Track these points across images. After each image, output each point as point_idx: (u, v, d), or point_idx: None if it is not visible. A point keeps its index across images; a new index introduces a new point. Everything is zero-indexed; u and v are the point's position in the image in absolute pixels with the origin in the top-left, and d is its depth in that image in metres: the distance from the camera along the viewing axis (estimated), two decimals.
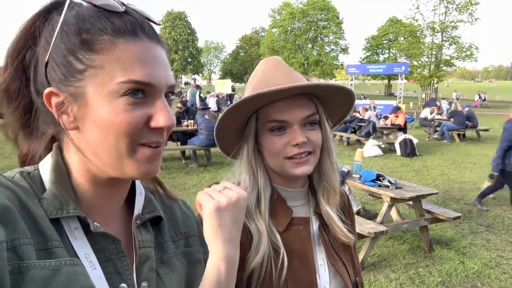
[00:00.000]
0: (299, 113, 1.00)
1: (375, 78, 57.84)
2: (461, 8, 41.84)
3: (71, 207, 0.66)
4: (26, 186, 0.66)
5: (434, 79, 40.43)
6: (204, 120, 8.59)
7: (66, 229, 0.66)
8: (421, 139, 13.39)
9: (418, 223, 4.58)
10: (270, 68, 1.06)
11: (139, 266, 0.73)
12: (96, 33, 0.64)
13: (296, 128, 0.99)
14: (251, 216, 1.03)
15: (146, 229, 0.78)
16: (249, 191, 1.04)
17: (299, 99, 1.00)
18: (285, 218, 1.06)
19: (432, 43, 43.38)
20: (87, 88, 0.64)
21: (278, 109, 1.00)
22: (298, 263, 1.03)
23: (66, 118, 0.67)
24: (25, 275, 0.56)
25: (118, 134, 0.64)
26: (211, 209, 0.80)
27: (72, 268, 0.61)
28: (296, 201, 1.10)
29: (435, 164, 9.80)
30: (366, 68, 27.95)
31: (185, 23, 63.17)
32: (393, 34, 49.93)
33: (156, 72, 0.66)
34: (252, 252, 0.99)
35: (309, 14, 51.56)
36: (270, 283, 0.99)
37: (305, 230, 1.08)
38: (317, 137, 1.02)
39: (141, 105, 0.65)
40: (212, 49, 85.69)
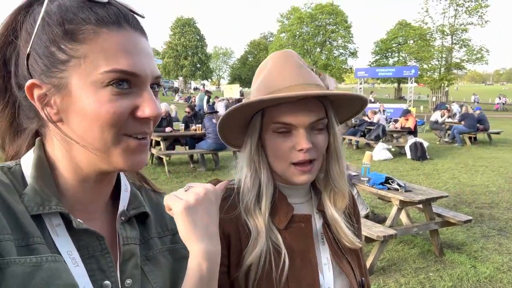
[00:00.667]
0: (306, 118, 0.95)
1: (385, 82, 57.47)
2: (470, 11, 41.42)
3: (53, 203, 0.65)
4: (6, 181, 0.65)
5: (445, 82, 40.01)
6: (212, 124, 8.61)
7: (48, 225, 0.65)
8: (432, 143, 13.24)
9: (428, 227, 4.51)
10: (278, 65, 1.00)
11: (123, 263, 0.71)
12: (79, 23, 0.63)
13: (301, 132, 0.95)
14: (250, 213, 1.00)
15: (131, 225, 0.77)
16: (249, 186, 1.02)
17: (308, 103, 0.96)
18: (286, 215, 1.03)
19: (442, 46, 42.98)
20: (70, 78, 0.63)
21: (285, 111, 0.95)
22: (300, 262, 1.00)
23: (50, 110, 0.65)
24: (5, 272, 0.55)
25: (103, 125, 0.63)
26: (181, 209, 0.76)
27: (54, 264, 0.60)
28: (297, 198, 1.08)
29: (446, 167, 9.67)
30: (375, 71, 27.85)
31: (194, 30, 63.66)
32: (402, 38, 49.69)
33: (141, 62, 0.65)
34: (249, 248, 0.97)
35: (317, 18, 51.61)
36: (269, 281, 0.96)
37: (306, 228, 1.04)
38: (323, 142, 0.99)
39: (126, 95, 0.65)
40: (220, 55, 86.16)
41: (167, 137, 8.88)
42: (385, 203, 6.13)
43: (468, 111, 14.08)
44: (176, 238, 0.85)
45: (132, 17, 0.68)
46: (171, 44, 61.79)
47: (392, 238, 4.06)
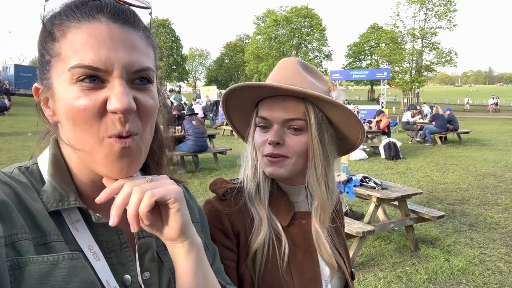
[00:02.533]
0: (280, 114, 1.00)
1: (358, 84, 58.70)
2: (440, 15, 42.99)
3: (71, 199, 0.65)
4: (24, 180, 0.65)
5: (416, 84, 41.28)
6: (191, 126, 8.59)
7: (67, 221, 0.65)
8: (404, 143, 13.65)
9: (404, 223, 4.69)
10: (279, 66, 1.08)
11: (140, 256, 0.72)
12: (57, 21, 0.62)
13: (275, 127, 1.01)
14: (252, 203, 1.05)
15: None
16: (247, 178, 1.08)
17: (286, 101, 1.00)
18: (288, 213, 1.07)
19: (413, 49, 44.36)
20: (52, 78, 0.64)
21: (266, 107, 1.03)
22: (302, 256, 1.05)
23: (48, 112, 0.67)
24: (24, 270, 0.55)
25: (78, 124, 0.61)
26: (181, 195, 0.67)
27: (71, 262, 0.60)
28: (297, 196, 1.12)
29: (418, 166, 10.01)
30: (349, 74, 28.36)
31: (169, 31, 63.03)
32: (374, 41, 50.85)
33: (111, 55, 0.60)
34: (254, 234, 1.01)
35: (293, 21, 52.12)
36: (274, 267, 1.00)
37: (307, 224, 1.09)
38: (298, 143, 1.00)
39: (95, 90, 0.61)
40: (196, 56, 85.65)
41: None
42: (362, 201, 6.32)
43: (438, 112, 14.60)
44: None
45: (114, 8, 0.63)
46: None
47: (370, 234, 4.20)
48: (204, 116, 17.68)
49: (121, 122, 0.61)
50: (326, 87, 1.06)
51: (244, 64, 61.06)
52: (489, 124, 23.96)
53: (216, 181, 1.12)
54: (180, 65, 64.53)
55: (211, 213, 1.02)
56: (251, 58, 53.09)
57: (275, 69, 1.08)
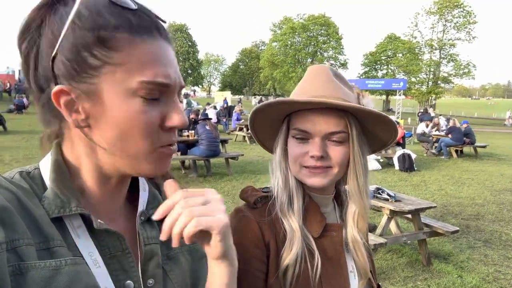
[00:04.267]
0: (322, 127, 0.98)
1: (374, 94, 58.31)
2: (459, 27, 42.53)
3: (73, 205, 0.64)
4: (25, 186, 0.65)
5: (432, 95, 40.80)
6: (205, 131, 8.64)
7: (69, 227, 0.65)
8: (419, 154, 13.46)
9: (417, 236, 4.61)
10: (311, 76, 1.06)
11: (145, 263, 0.71)
12: (113, 30, 0.62)
13: (316, 140, 0.99)
14: (284, 215, 1.02)
15: (151, 225, 0.77)
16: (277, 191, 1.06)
17: (327, 113, 0.99)
18: (320, 224, 1.05)
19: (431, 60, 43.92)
20: (101, 84, 0.62)
21: (305, 119, 1.00)
22: (332, 269, 1.03)
23: (76, 116, 0.64)
24: (26, 276, 0.55)
25: (136, 136, 0.64)
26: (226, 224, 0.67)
27: (74, 267, 0.60)
28: (326, 207, 1.10)
29: (433, 179, 9.85)
30: (364, 83, 28.18)
31: (186, 36, 63.82)
32: (391, 51, 50.51)
33: (172, 73, 0.66)
34: (286, 249, 0.98)
35: (309, 29, 52.19)
36: (306, 281, 0.98)
37: (338, 237, 1.07)
38: (339, 155, 1.00)
39: (156, 105, 0.65)
40: (212, 62, 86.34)
41: None
42: (375, 212, 6.23)
43: (455, 124, 14.38)
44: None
45: (161, 25, 0.68)
46: None
47: (382, 246, 4.14)
48: (218, 121, 17.77)
49: (175, 134, 0.70)
50: (355, 93, 1.07)
51: (259, 70, 61.32)
52: (506, 138, 23.51)
53: (246, 189, 1.10)
54: (195, 69, 65.21)
55: (242, 221, 1.00)
56: (266, 65, 53.28)
57: (307, 79, 1.07)
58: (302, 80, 1.08)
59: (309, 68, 1.09)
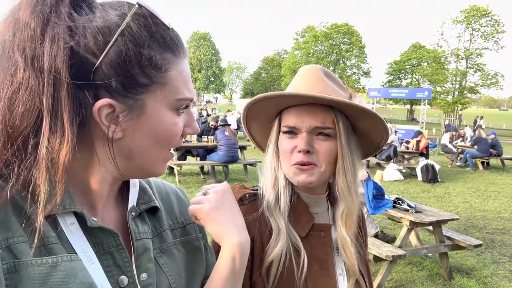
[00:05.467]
0: (309, 121, 1.00)
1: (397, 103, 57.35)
2: (486, 36, 41.48)
3: (66, 203, 0.64)
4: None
5: (458, 106, 39.80)
6: (224, 137, 8.69)
7: (62, 224, 0.65)
8: (444, 166, 13.12)
9: (438, 249, 4.46)
10: (302, 75, 1.08)
11: (138, 258, 0.72)
12: (161, 51, 0.66)
13: (304, 135, 1.01)
14: (271, 213, 1.03)
15: (142, 220, 0.78)
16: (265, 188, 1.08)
17: (314, 109, 1.01)
18: (307, 223, 1.06)
19: (457, 70, 42.93)
20: (147, 100, 0.66)
21: (292, 115, 1.03)
22: (319, 269, 1.03)
23: (114, 128, 0.65)
24: (21, 273, 0.55)
25: (164, 143, 0.72)
26: (206, 212, 0.83)
27: (70, 263, 0.60)
28: (317, 207, 1.10)
29: (457, 191, 9.56)
30: (388, 92, 27.81)
31: (210, 44, 64.72)
32: (416, 60, 49.68)
33: (191, 88, 0.74)
34: (271, 245, 0.99)
35: (332, 37, 52.05)
36: (290, 279, 0.98)
37: (326, 237, 1.07)
38: (327, 149, 1.01)
39: (181, 116, 0.73)
40: (234, 69, 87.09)
41: (179, 147, 8.98)
42: (395, 223, 6.08)
43: (481, 135, 13.95)
44: (187, 230, 0.87)
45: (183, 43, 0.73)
46: None
47: (400, 258, 4.03)
48: (238, 127, 17.84)
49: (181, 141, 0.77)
50: (347, 94, 1.08)
51: (281, 78, 61.39)
52: None
53: (234, 186, 1.12)
54: (218, 77, 65.90)
55: None
56: (288, 73, 53.30)
57: (298, 77, 1.08)
58: (294, 79, 1.09)
59: (301, 68, 1.11)
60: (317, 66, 1.09)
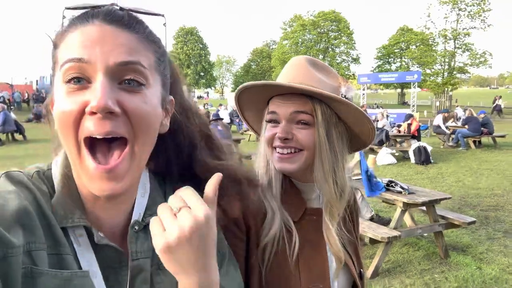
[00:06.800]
0: (288, 108, 1.05)
1: (388, 87, 57.51)
2: (473, 15, 41.59)
3: (76, 216, 0.65)
4: (44, 189, 0.66)
5: (448, 87, 40.03)
6: (217, 132, 8.67)
7: (71, 235, 0.65)
8: (436, 147, 13.24)
9: (433, 229, 4.54)
10: (289, 65, 1.13)
11: (132, 278, 0.69)
12: (59, 32, 0.65)
13: (283, 123, 1.05)
14: (265, 197, 1.06)
15: (144, 235, 0.72)
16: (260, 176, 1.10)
17: (294, 98, 1.05)
18: (300, 208, 1.09)
19: (445, 51, 43.10)
20: (54, 85, 0.64)
21: (275, 104, 1.08)
22: (311, 251, 1.06)
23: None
24: (36, 281, 0.56)
25: (61, 128, 0.60)
26: (160, 250, 0.62)
27: (83, 280, 0.61)
28: (309, 194, 1.14)
29: (450, 171, 9.67)
30: (377, 77, 27.86)
31: (197, 38, 64.10)
32: (404, 43, 49.72)
33: (96, 49, 0.59)
34: (265, 228, 1.02)
35: (320, 25, 51.84)
36: (283, 259, 1.02)
37: (318, 221, 1.11)
38: (306, 136, 1.04)
39: (80, 91, 0.60)
40: (224, 63, 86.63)
41: None
42: (390, 206, 6.16)
43: (472, 114, 14.07)
44: None
45: (109, 12, 0.63)
46: (173, 53, 61.94)
47: (396, 239, 4.09)
48: (231, 121, 17.83)
49: (102, 123, 0.58)
50: (336, 83, 1.10)
51: (271, 69, 61.25)
52: None
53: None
54: (207, 72, 65.50)
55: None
56: (278, 64, 53.10)
57: (285, 68, 1.13)
58: (283, 69, 1.14)
59: (291, 59, 1.15)
60: (304, 57, 1.12)
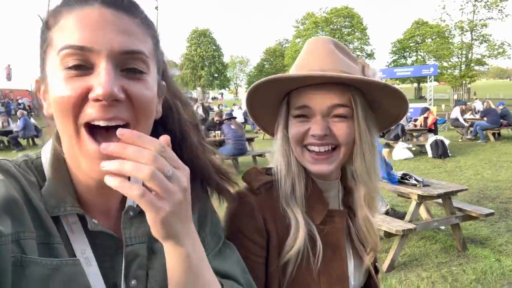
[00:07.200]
0: (323, 101, 0.92)
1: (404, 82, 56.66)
2: (490, 5, 40.60)
3: (68, 205, 0.64)
4: (32, 179, 0.64)
5: (466, 79, 39.19)
6: (230, 130, 8.75)
7: (64, 223, 0.64)
8: (454, 140, 12.99)
9: (449, 221, 4.47)
10: (310, 49, 0.98)
11: (127, 264, 0.69)
12: (52, 11, 0.62)
13: (318, 118, 0.93)
14: (287, 204, 0.97)
15: (140, 221, 0.71)
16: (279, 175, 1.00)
17: (328, 88, 0.92)
18: (322, 211, 1.01)
19: (462, 43, 42.20)
20: (46, 68, 0.63)
21: (304, 96, 0.94)
22: (332, 255, 0.99)
23: (45, 105, 0.65)
24: (25, 269, 0.55)
25: (59, 112, 0.59)
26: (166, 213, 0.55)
27: (73, 268, 0.60)
28: (330, 192, 1.05)
29: (468, 164, 9.49)
30: (393, 71, 27.46)
31: (210, 40, 64.51)
32: (419, 36, 48.91)
33: (99, 34, 0.58)
34: (290, 240, 0.94)
35: (332, 22, 51.53)
36: (307, 269, 0.96)
37: (340, 223, 1.03)
38: (343, 132, 0.93)
39: (81, 76, 0.58)
40: (237, 63, 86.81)
41: None
42: (405, 201, 6.08)
43: (490, 106, 13.76)
44: None
45: None
46: (187, 55, 62.85)
47: (411, 232, 4.05)
48: (245, 120, 17.88)
49: (104, 109, 0.58)
50: (359, 66, 1.00)
51: (284, 68, 61.11)
52: None
53: (250, 171, 1.05)
54: (221, 73, 65.80)
55: (244, 206, 0.97)
56: (291, 62, 52.78)
57: (306, 52, 0.98)
58: (301, 54, 1.00)
59: (308, 41, 1.01)
60: (325, 38, 0.99)
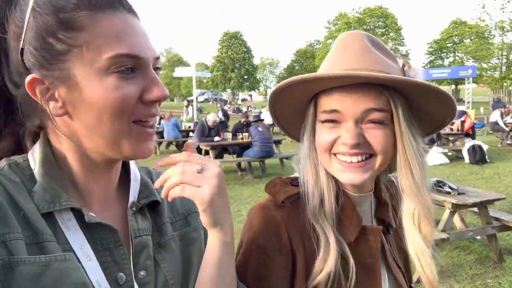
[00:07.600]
0: (356, 105, 0.80)
1: (441, 84, 54.82)
2: None
3: (63, 199, 0.64)
4: (16, 180, 0.64)
5: (507, 82, 37.39)
6: (257, 133, 8.73)
7: (59, 221, 0.64)
8: (493, 145, 12.40)
9: (485, 231, 4.24)
10: (342, 46, 0.87)
11: (136, 255, 0.71)
12: (73, 10, 0.61)
13: (350, 124, 0.81)
14: (316, 219, 0.86)
15: (142, 215, 0.76)
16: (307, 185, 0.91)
17: (363, 90, 0.80)
18: (356, 228, 0.89)
19: (502, 44, 40.31)
20: (73, 69, 0.61)
21: (334, 99, 0.82)
22: (365, 276, 0.88)
23: (54, 104, 0.64)
24: (15, 270, 0.55)
25: (112, 113, 0.63)
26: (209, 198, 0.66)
27: (63, 263, 0.59)
28: (363, 206, 0.94)
29: (508, 171, 9.01)
30: (428, 73, 26.64)
31: (241, 42, 65.02)
32: (457, 37, 47.12)
33: (140, 44, 0.65)
34: (320, 262, 0.84)
35: (365, 22, 50.64)
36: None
37: (375, 241, 0.91)
38: (380, 140, 0.82)
39: (132, 80, 0.64)
40: (267, 65, 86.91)
41: (215, 146, 9.16)
42: (440, 208, 5.83)
43: None
44: (188, 220, 0.85)
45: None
46: (218, 57, 63.62)
47: (444, 242, 3.88)
48: (273, 123, 17.82)
49: (155, 107, 0.69)
50: (398, 64, 0.88)
51: (315, 69, 60.38)
52: None
53: (275, 182, 0.95)
54: (251, 74, 66.10)
55: (267, 221, 0.87)
56: None
57: (337, 48, 0.88)
58: (331, 51, 0.90)
59: (339, 36, 0.90)
60: (360, 33, 0.87)
